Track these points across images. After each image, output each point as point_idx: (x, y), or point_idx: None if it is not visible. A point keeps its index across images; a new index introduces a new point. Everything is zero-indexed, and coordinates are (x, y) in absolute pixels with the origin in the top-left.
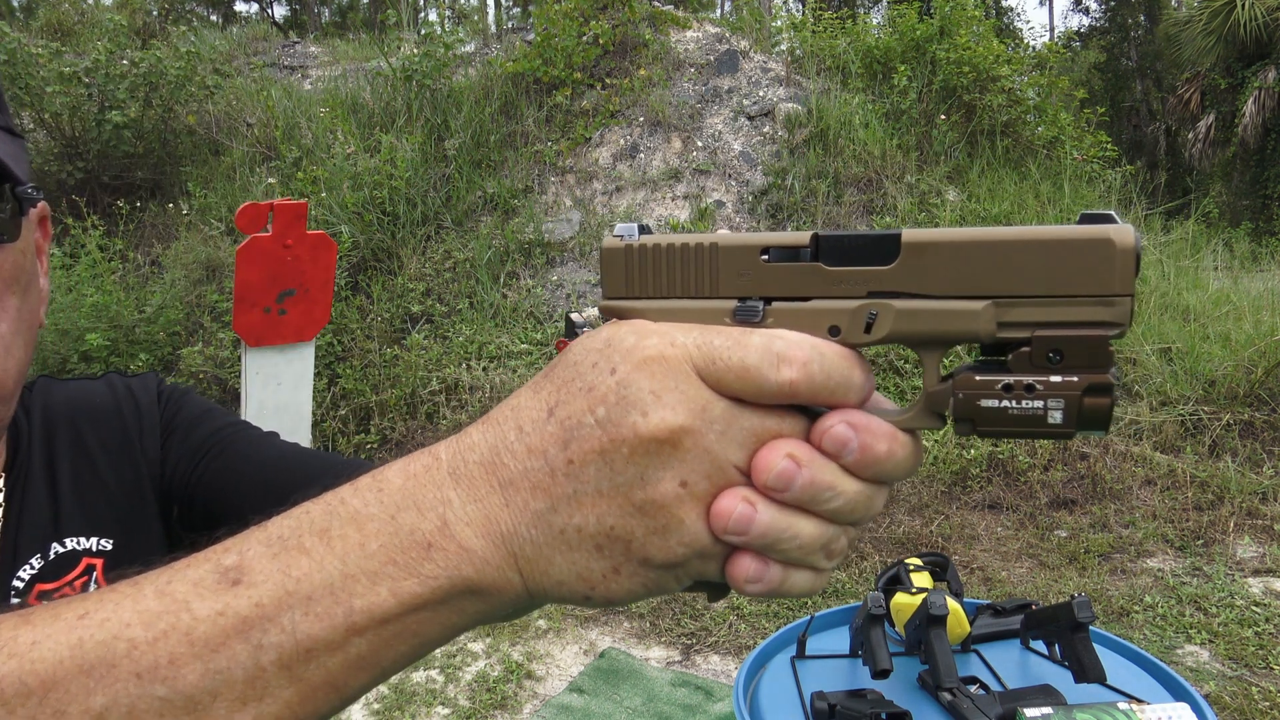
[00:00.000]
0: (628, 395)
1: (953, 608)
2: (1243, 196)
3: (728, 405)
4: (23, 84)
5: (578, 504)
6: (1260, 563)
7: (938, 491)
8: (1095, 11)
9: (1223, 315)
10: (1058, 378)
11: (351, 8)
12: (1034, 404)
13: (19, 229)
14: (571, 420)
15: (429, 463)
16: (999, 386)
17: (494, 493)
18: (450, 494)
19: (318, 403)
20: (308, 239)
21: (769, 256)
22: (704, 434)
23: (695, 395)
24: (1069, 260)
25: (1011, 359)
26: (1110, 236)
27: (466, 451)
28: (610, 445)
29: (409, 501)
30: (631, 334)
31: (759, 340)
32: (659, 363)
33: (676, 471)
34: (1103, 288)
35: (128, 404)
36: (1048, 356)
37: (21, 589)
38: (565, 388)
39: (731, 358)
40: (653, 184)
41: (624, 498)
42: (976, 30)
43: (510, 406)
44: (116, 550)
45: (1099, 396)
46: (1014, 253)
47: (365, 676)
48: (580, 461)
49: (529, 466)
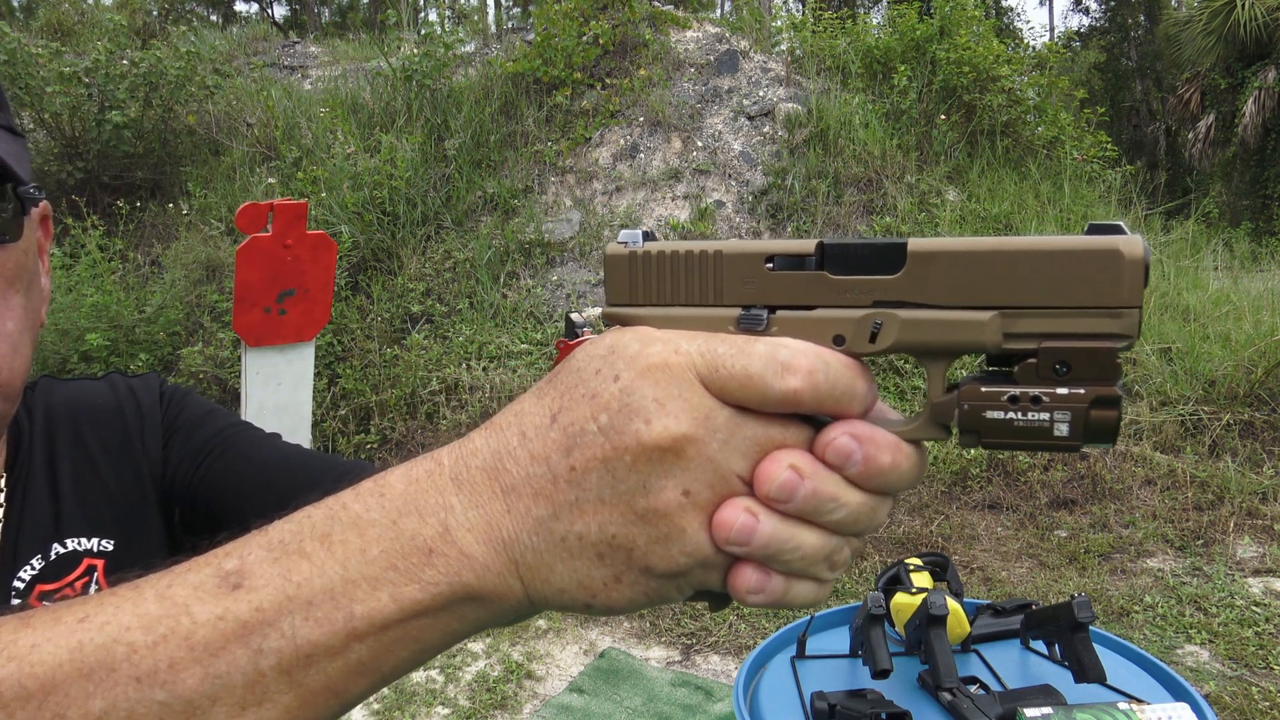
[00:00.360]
0: (631, 403)
1: (953, 608)
2: (1243, 196)
3: (731, 414)
4: (23, 84)
5: (580, 511)
6: (1260, 563)
7: (938, 491)
8: (1095, 11)
9: (1223, 315)
10: (1064, 390)
11: (351, 8)
12: (1040, 416)
13: (21, 228)
14: (575, 427)
15: (431, 468)
16: (1005, 398)
17: (496, 499)
18: (452, 499)
19: (318, 403)
20: (308, 239)
21: (774, 265)
22: (707, 442)
23: (699, 403)
24: (1076, 271)
25: (1018, 370)
26: (1119, 248)
27: (469, 457)
28: (613, 453)
29: (411, 507)
30: (635, 341)
31: (763, 348)
32: (663, 370)
33: (679, 480)
34: (1110, 299)
35: (129, 404)
36: (1054, 368)
37: (22, 589)
38: (569, 394)
39: (735, 365)
40: (653, 184)
41: (626, 505)
42: (976, 30)
43: (514, 412)
44: (117, 551)
45: (1106, 409)
46: (1021, 263)
47: (365, 682)
48: (583, 469)
49: (531, 473)
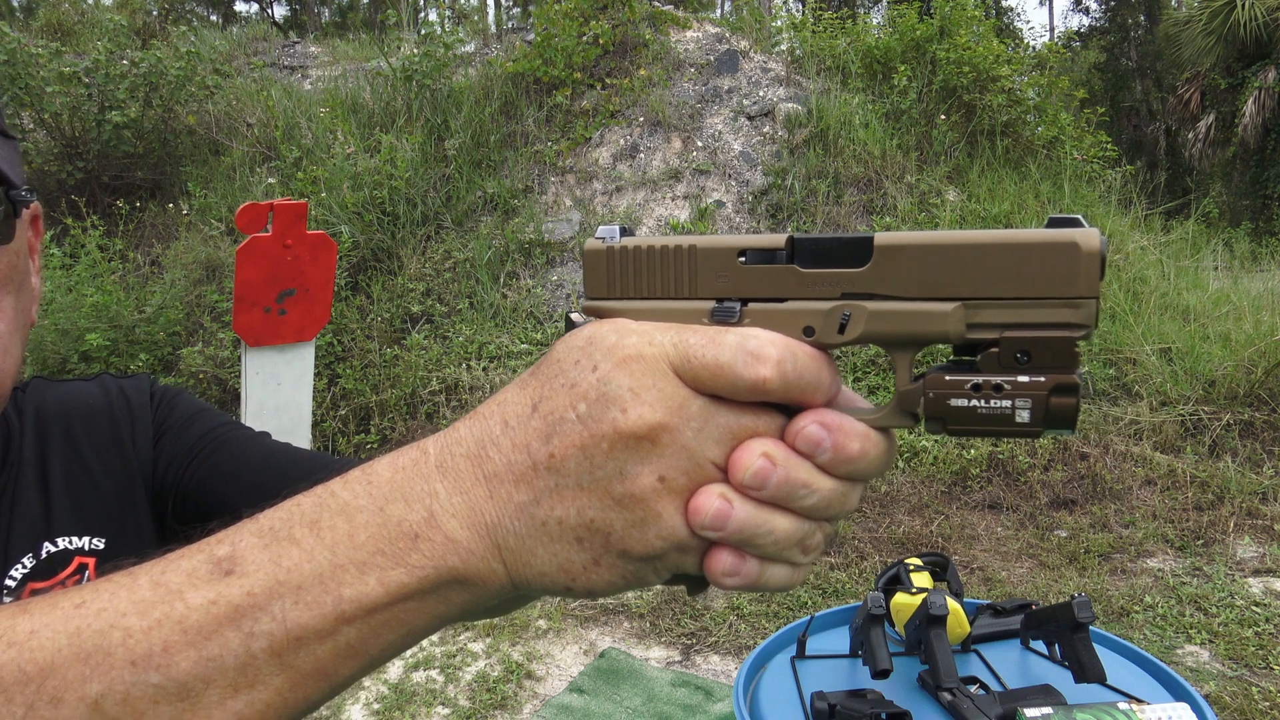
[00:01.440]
0: (608, 392)
1: (953, 608)
2: (1243, 196)
3: (705, 402)
4: (23, 84)
5: (559, 496)
6: (1260, 563)
7: (938, 491)
8: (1095, 11)
9: (1223, 315)
10: (1025, 378)
11: (351, 8)
12: (1002, 403)
13: (13, 231)
14: (554, 415)
15: (417, 456)
16: (968, 386)
17: (479, 485)
18: (437, 486)
19: (318, 403)
20: (308, 239)
21: (746, 259)
22: (681, 430)
23: (673, 393)
24: (1036, 263)
25: (981, 359)
26: (1076, 240)
27: (454, 445)
28: (591, 440)
29: (397, 493)
30: (612, 333)
31: (733, 339)
32: (638, 361)
33: (654, 466)
34: (1068, 290)
35: (120, 404)
36: (1015, 357)
37: (14, 587)
38: (549, 384)
39: (706, 355)
40: (653, 184)
41: (604, 491)
42: (976, 30)
43: (496, 402)
44: (109, 550)
45: (1065, 396)
46: (982, 256)
47: (354, 665)
48: (562, 455)
49: (513, 460)
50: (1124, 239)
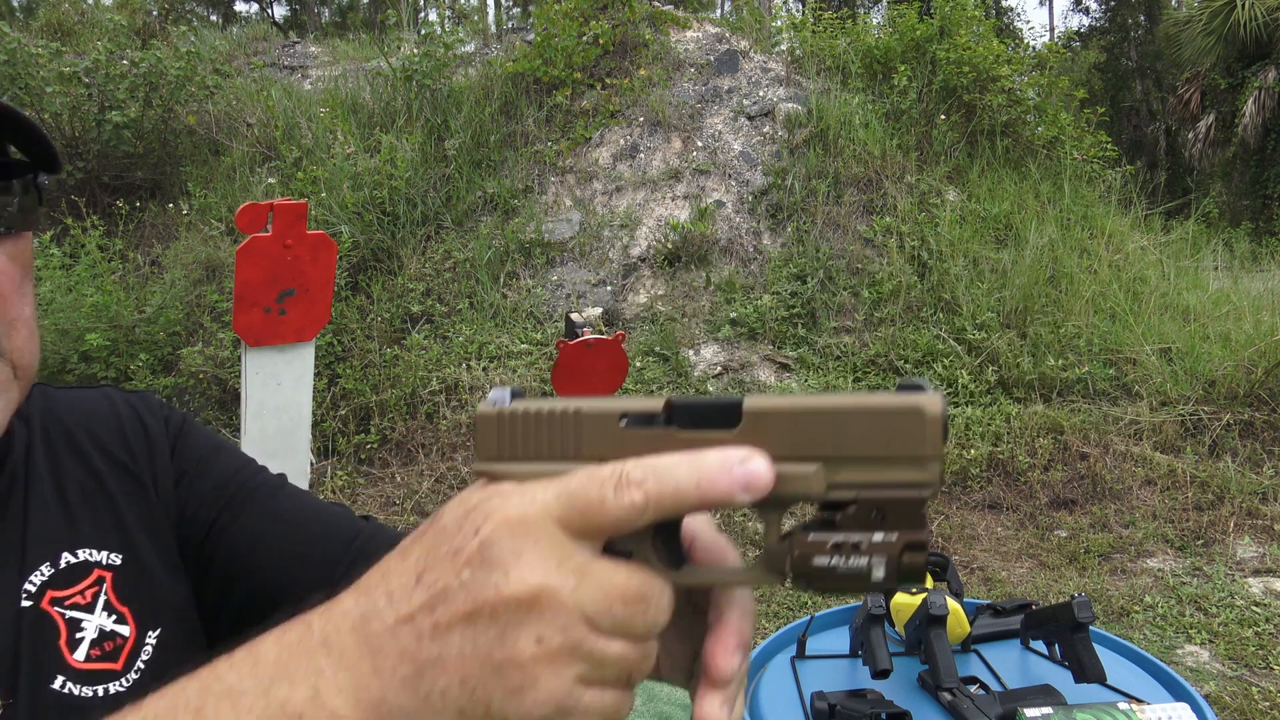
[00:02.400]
0: (490, 556)
1: (953, 608)
2: (1243, 196)
3: (587, 556)
4: (23, 84)
5: (442, 668)
6: (1260, 563)
7: (938, 491)
8: (1095, 11)
9: (1223, 315)
10: (879, 536)
11: (351, 8)
12: (859, 562)
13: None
14: (439, 585)
15: (302, 632)
16: (829, 545)
17: (364, 659)
18: (322, 663)
19: (318, 403)
20: (308, 239)
21: (627, 422)
22: (560, 589)
23: (554, 549)
24: (886, 426)
25: (840, 518)
26: (920, 405)
27: (339, 619)
28: (475, 608)
29: (282, 673)
30: (495, 496)
31: (607, 470)
32: (520, 523)
33: (533, 629)
34: (915, 450)
35: (131, 424)
36: (870, 515)
37: (34, 593)
38: (433, 552)
39: (588, 494)
40: (653, 184)
41: (485, 658)
42: (976, 30)
43: (380, 573)
44: (125, 566)
45: (915, 553)
46: (840, 419)
47: None
48: (446, 625)
49: (397, 633)
50: (1124, 239)
